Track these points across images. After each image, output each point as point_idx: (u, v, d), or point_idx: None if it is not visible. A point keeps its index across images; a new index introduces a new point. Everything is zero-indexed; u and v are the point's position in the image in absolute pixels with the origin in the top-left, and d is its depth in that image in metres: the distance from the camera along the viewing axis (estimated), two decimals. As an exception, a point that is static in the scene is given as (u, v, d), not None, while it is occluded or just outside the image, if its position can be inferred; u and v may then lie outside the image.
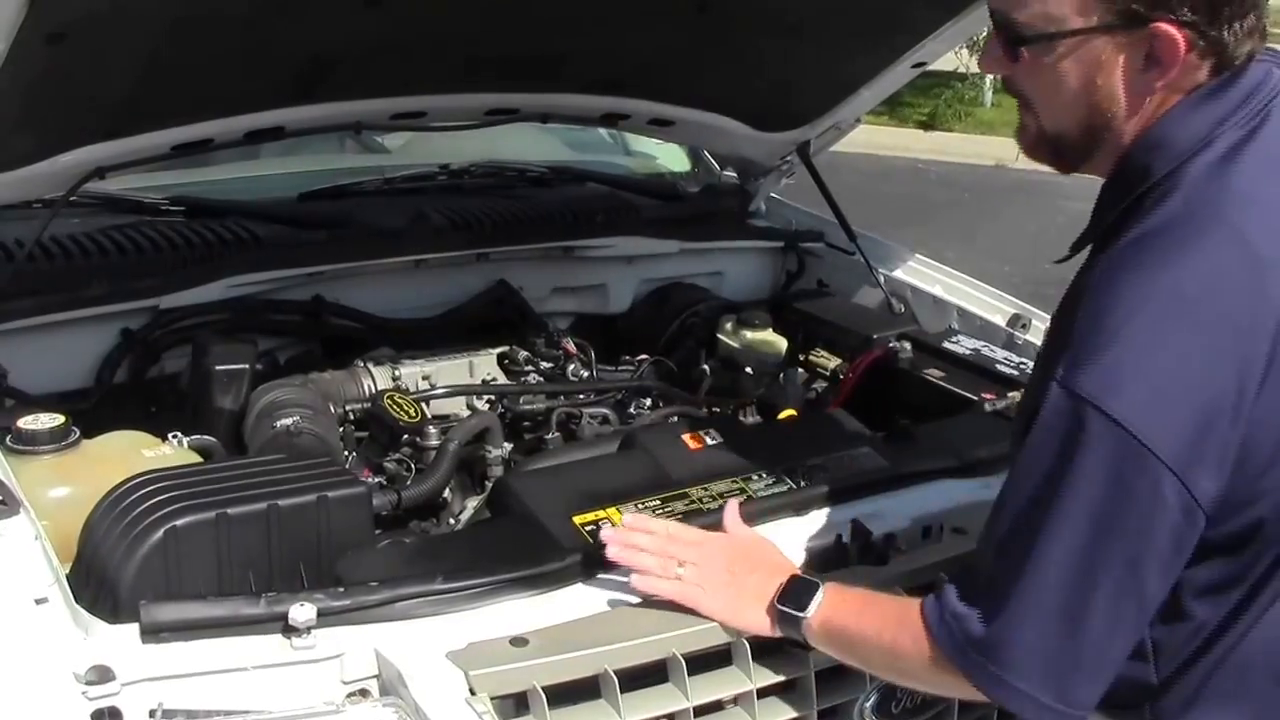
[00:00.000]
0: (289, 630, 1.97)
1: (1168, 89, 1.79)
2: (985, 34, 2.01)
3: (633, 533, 2.22)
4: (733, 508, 2.32)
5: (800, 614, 2.06)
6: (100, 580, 2.08)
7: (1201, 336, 1.69)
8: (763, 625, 2.12)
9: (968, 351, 3.27)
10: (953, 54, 13.72)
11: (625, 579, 2.20)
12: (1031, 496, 1.76)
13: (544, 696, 1.98)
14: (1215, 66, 1.79)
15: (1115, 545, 1.71)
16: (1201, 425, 1.67)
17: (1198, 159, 1.77)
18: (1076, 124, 1.87)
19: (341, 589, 2.06)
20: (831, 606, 2.05)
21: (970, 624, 1.81)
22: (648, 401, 3.27)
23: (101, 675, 1.82)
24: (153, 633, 1.93)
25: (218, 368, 2.90)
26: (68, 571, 2.10)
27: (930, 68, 3.61)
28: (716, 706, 2.14)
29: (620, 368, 3.41)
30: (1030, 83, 1.88)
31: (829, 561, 2.34)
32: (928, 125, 14.53)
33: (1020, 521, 1.78)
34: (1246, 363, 1.68)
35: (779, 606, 2.09)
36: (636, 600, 2.18)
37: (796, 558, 2.35)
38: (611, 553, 2.20)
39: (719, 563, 2.18)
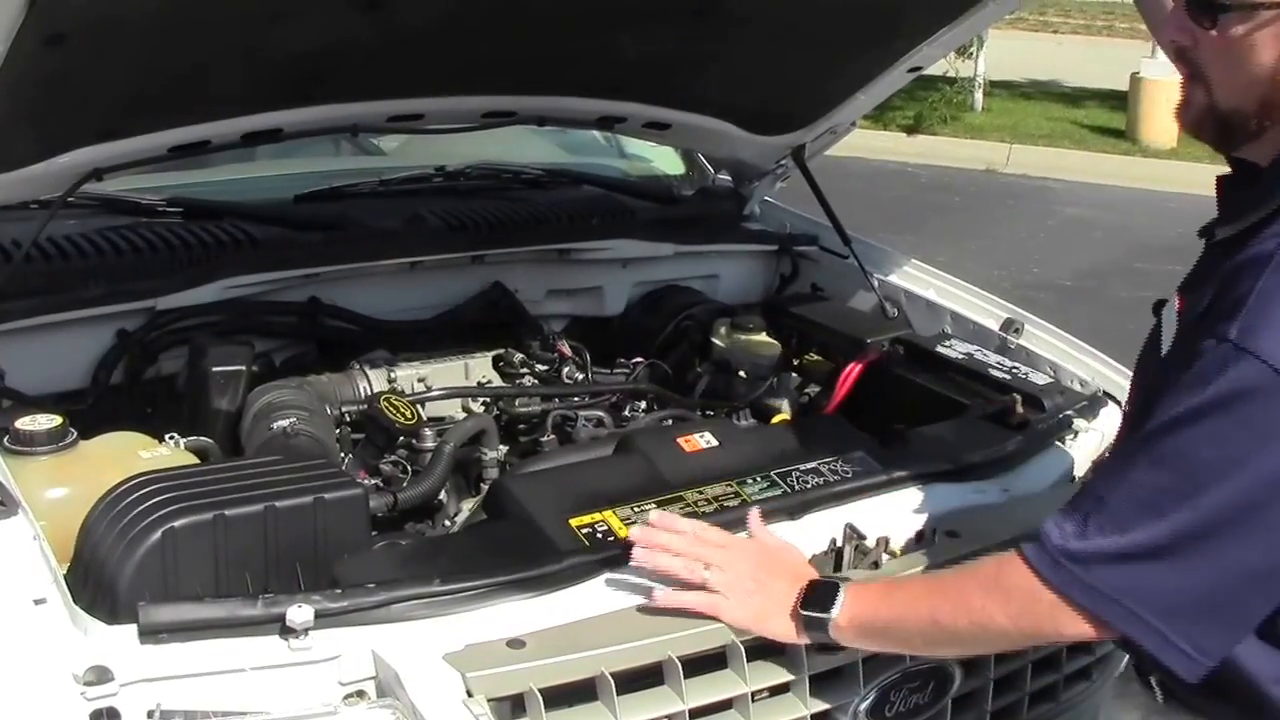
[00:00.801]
0: (286, 631, 1.97)
1: None
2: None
3: (660, 532, 2.22)
4: (756, 514, 2.32)
5: (825, 615, 2.07)
6: (98, 581, 2.08)
7: None
8: (789, 633, 2.13)
9: (961, 355, 3.28)
10: (943, 58, 13.72)
11: (639, 580, 2.21)
12: (1188, 445, 1.73)
13: (541, 699, 1.98)
14: None
15: (1274, 497, 1.70)
16: None
17: None
18: (1256, 100, 1.81)
19: (339, 590, 2.06)
20: (859, 603, 2.06)
21: (1099, 561, 1.79)
22: (643, 404, 3.28)
23: (100, 676, 1.82)
24: (151, 633, 1.94)
25: (214, 369, 2.91)
26: (65, 572, 2.10)
27: (923, 72, 3.62)
28: (712, 709, 2.15)
29: (615, 370, 3.42)
30: (1214, 55, 1.82)
31: (824, 565, 2.35)
32: (912, 129, 14.56)
33: (1171, 466, 1.75)
34: None
35: (802, 612, 2.10)
36: (635, 603, 2.19)
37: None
38: (638, 555, 2.20)
39: (744, 569, 2.18)
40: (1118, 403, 3.01)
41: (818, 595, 2.10)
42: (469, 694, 1.95)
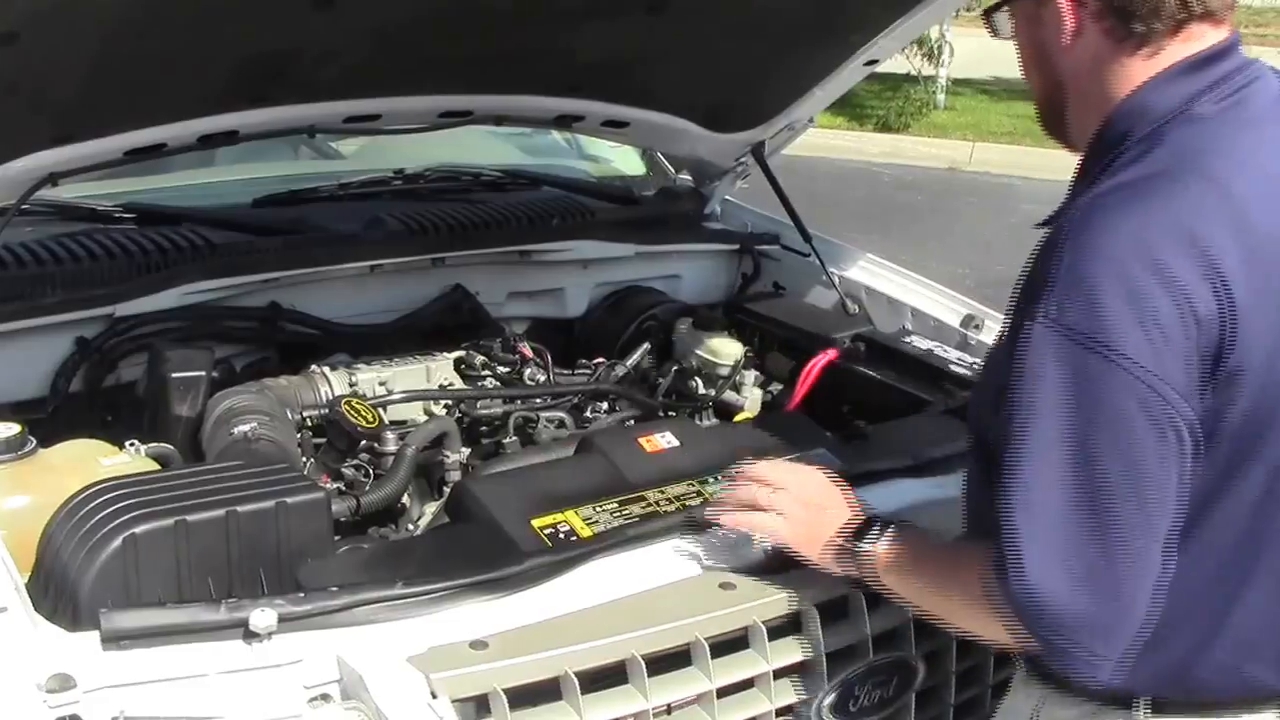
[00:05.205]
0: (250, 636, 1.97)
1: (1149, 59, 1.88)
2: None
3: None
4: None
5: (862, 546, 2.09)
6: (60, 589, 2.07)
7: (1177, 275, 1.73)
8: (826, 559, 2.16)
9: (922, 351, 3.29)
10: (905, 58, 13.80)
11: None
12: (1048, 426, 1.77)
13: (505, 699, 1.99)
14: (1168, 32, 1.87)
15: (1116, 461, 1.74)
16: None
17: (1175, 121, 1.85)
18: (1050, 87, 2.01)
19: (302, 594, 2.06)
20: (896, 547, 2.07)
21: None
22: (604, 405, 3.28)
23: (62, 683, 1.82)
24: (113, 640, 1.93)
25: (174, 375, 2.89)
26: (26, 581, 2.09)
27: (885, 71, 3.64)
28: (676, 706, 2.16)
29: (577, 372, 3.42)
30: (1019, 55, 2.04)
31: (785, 562, 2.36)
32: (877, 129, 14.63)
33: (1040, 456, 1.77)
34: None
35: (844, 541, 2.12)
36: (598, 601, 2.19)
37: (753, 559, 2.37)
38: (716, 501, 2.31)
39: (803, 493, 2.22)
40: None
41: (863, 528, 2.12)
42: (433, 695, 1.96)
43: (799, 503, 2.21)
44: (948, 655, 2.45)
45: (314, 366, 3.13)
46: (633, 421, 3.15)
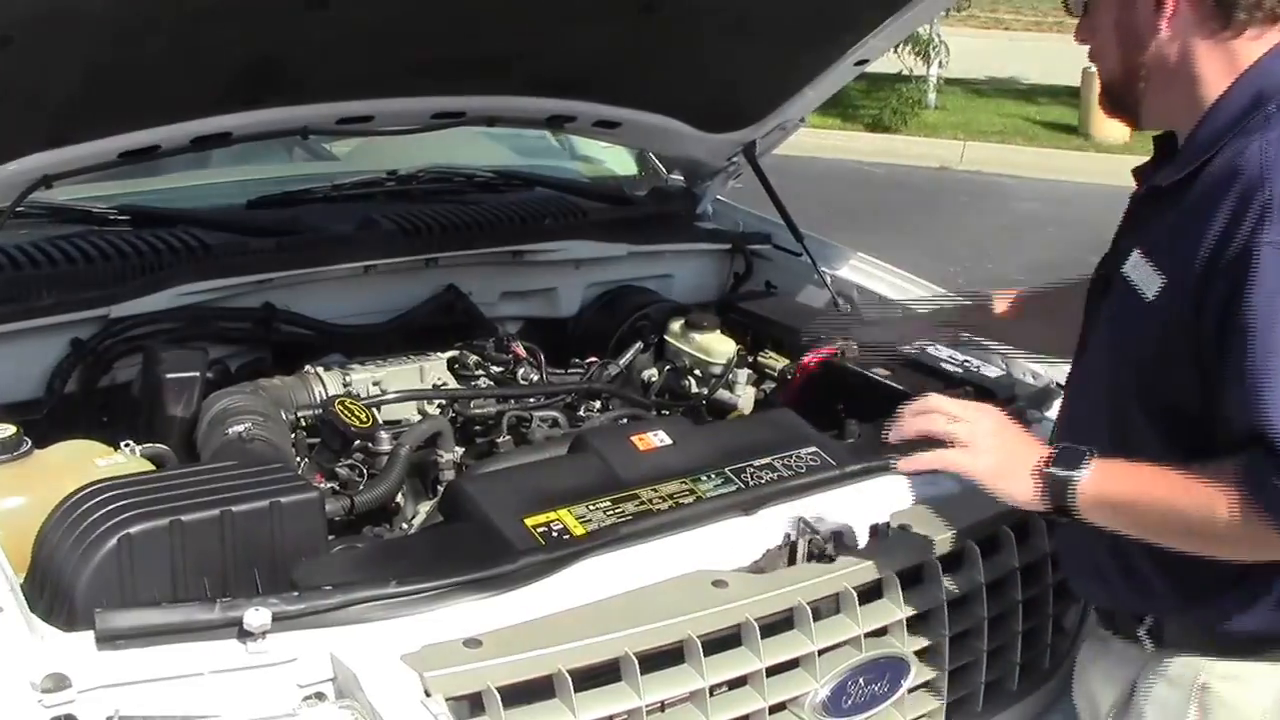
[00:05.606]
0: (244, 635, 1.98)
1: (1255, 40, 2.02)
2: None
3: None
4: None
5: (1072, 474, 2.06)
6: (55, 589, 2.07)
7: None
8: (1026, 493, 2.11)
9: (913, 350, 3.30)
10: (896, 57, 13.81)
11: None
12: None
13: (499, 697, 2.00)
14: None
15: None
16: None
17: None
18: (1122, 67, 2.14)
19: (296, 593, 2.07)
20: (1105, 471, 2.05)
21: None
22: (597, 404, 3.28)
23: (57, 683, 1.82)
24: (108, 640, 1.94)
25: (169, 376, 2.89)
26: (21, 581, 2.09)
27: (876, 70, 3.65)
28: (670, 704, 2.17)
29: (570, 371, 3.42)
30: (1095, 39, 2.18)
31: (778, 560, 2.37)
32: (868, 129, 14.65)
33: None
34: None
35: (1047, 470, 2.09)
36: (591, 599, 2.20)
37: (746, 557, 2.38)
38: (892, 434, 2.24)
39: (987, 425, 2.18)
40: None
41: (1065, 457, 2.09)
42: (427, 694, 1.97)
43: (989, 434, 2.16)
44: (941, 651, 2.46)
45: (308, 367, 3.14)
46: (625, 420, 3.14)
